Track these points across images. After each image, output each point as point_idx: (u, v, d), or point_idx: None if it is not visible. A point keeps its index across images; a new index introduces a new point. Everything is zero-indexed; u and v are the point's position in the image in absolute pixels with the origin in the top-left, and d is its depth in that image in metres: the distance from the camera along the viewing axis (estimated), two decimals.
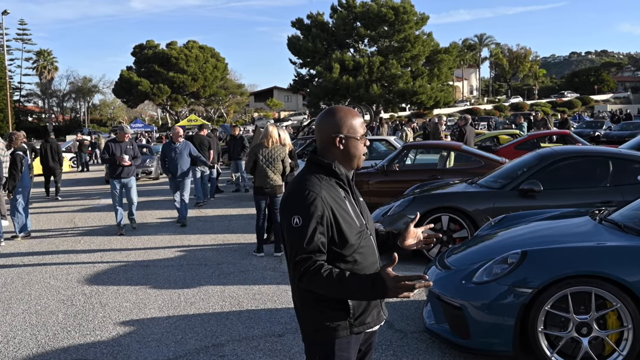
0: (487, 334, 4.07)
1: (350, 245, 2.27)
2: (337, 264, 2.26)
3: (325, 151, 2.37)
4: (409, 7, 46.20)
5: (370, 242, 2.38)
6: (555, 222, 5.12)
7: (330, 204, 2.24)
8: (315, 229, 2.19)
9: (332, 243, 2.25)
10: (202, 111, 71.32)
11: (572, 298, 3.88)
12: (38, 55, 73.95)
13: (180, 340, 4.90)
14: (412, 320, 5.16)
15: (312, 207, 2.20)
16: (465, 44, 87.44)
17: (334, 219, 2.24)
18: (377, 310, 2.38)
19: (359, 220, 2.34)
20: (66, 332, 5.23)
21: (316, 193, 2.22)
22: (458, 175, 9.29)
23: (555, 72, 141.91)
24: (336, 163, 2.34)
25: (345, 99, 42.86)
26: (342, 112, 2.39)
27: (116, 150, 9.73)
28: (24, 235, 9.93)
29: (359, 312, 2.31)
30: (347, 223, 2.27)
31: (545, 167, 6.89)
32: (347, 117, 2.37)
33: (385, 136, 16.86)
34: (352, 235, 2.28)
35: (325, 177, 2.31)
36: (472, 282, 4.23)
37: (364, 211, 2.43)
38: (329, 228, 2.23)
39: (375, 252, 2.41)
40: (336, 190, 2.31)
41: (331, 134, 2.34)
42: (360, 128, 2.37)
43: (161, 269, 7.38)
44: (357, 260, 2.29)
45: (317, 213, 2.20)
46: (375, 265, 2.37)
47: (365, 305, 2.32)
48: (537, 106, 73.00)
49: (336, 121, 2.35)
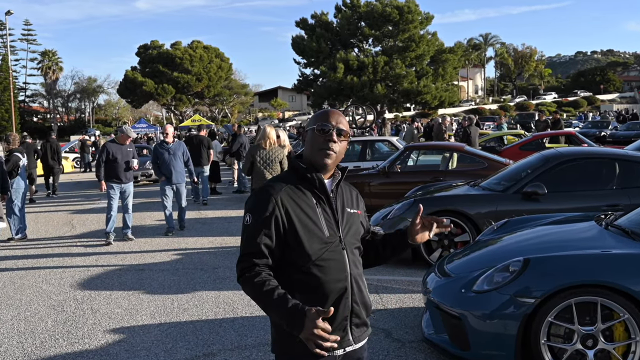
0: (488, 345, 3.89)
1: (306, 254, 2.12)
2: (291, 271, 2.14)
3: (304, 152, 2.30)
4: (414, 6, 45.89)
5: (341, 257, 2.16)
6: (559, 227, 4.93)
7: (287, 206, 2.12)
8: (261, 230, 2.09)
9: (286, 247, 2.13)
10: (206, 111, 71.22)
11: (576, 308, 3.69)
12: (43, 56, 74.08)
13: (170, 350, 4.74)
14: (411, 329, 4.98)
15: (263, 207, 2.11)
16: (470, 44, 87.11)
17: (288, 223, 2.11)
18: (340, 334, 2.14)
19: (329, 230, 2.16)
20: (54, 340, 5.07)
21: (271, 194, 2.13)
22: (461, 177, 9.11)
23: (560, 72, 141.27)
24: (310, 168, 2.20)
25: (349, 99, 42.64)
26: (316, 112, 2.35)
27: (117, 154, 9.07)
28: (20, 237, 9.80)
29: None
30: (307, 230, 2.12)
31: (549, 169, 6.70)
32: (314, 115, 2.30)
33: (388, 137, 16.66)
34: (312, 244, 2.12)
35: (296, 180, 2.20)
36: (472, 290, 4.05)
37: (346, 224, 2.23)
38: (281, 231, 2.11)
39: (346, 269, 2.16)
40: (304, 195, 2.17)
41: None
42: (319, 121, 2.22)
43: (156, 273, 7.22)
44: (313, 273, 2.12)
45: (266, 214, 2.10)
46: (341, 283, 2.15)
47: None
48: (542, 106, 72.65)
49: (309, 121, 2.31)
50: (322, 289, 2.13)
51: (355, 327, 2.21)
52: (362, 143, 13.77)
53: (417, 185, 8.75)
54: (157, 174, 9.99)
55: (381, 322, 5.17)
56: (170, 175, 9.64)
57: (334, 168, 2.26)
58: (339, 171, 2.28)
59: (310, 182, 2.19)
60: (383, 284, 6.34)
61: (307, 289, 2.13)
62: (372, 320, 5.17)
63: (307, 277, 2.13)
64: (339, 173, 2.28)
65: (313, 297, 2.12)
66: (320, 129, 2.20)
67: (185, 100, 65.87)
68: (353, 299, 2.18)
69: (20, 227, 9.84)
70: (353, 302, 2.18)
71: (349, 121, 18.88)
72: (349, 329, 2.18)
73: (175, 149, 9.77)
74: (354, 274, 2.20)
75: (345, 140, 2.25)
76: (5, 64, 60.48)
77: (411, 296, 5.87)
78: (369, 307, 2.28)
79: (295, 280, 2.14)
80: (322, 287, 2.13)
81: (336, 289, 2.14)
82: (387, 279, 6.55)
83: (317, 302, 2.10)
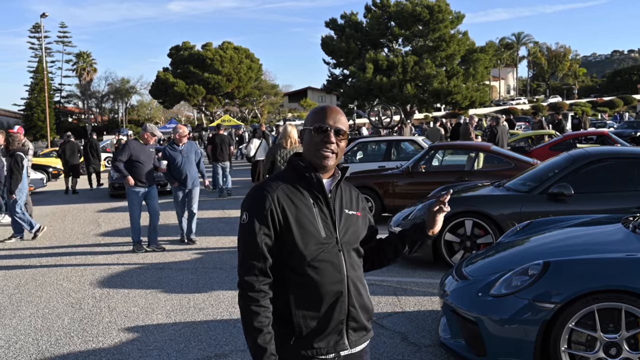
0: (505, 351, 3.73)
1: (301, 255, 2.05)
2: (286, 272, 2.08)
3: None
4: (444, 6, 45.42)
5: (337, 259, 2.09)
6: (584, 230, 4.73)
7: (283, 204, 2.06)
8: (259, 229, 2.04)
9: (282, 247, 2.07)
10: (236, 112, 71.76)
11: (599, 315, 3.51)
12: (78, 57, 75.44)
13: (182, 350, 4.69)
14: (428, 333, 4.84)
15: (260, 205, 2.06)
16: (502, 43, 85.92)
17: (284, 222, 2.05)
18: (335, 338, 2.09)
19: (326, 231, 2.09)
20: (69, 337, 5.08)
21: (267, 192, 2.07)
22: (486, 178, 8.90)
23: (596, 71, 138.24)
24: (308, 167, 2.13)
25: (379, 99, 42.37)
26: (313, 109, 2.23)
27: (140, 155, 8.30)
28: (19, 237, 9.85)
29: (306, 332, 2.06)
30: (303, 229, 2.06)
31: (577, 169, 6.46)
32: (311, 113, 2.21)
33: (414, 136, 16.46)
34: (308, 244, 2.05)
35: (294, 179, 2.13)
36: (490, 294, 3.89)
37: (343, 225, 2.16)
38: (277, 230, 2.06)
39: (342, 271, 2.09)
40: (302, 195, 2.11)
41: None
42: (318, 121, 2.14)
43: (175, 272, 7.21)
44: (309, 274, 2.06)
45: (263, 212, 2.05)
46: (337, 286, 2.08)
47: (316, 327, 2.07)
48: (576, 106, 71.25)
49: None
50: (317, 290, 2.07)
51: (353, 331, 2.14)
52: (387, 143, 13.61)
53: (441, 185, 8.57)
54: (168, 179, 8.95)
55: (398, 325, 5.04)
56: (185, 179, 8.78)
57: (334, 168, 2.19)
58: (339, 171, 2.21)
59: (309, 181, 2.12)
60: (402, 285, 6.21)
61: (302, 290, 2.07)
62: (389, 324, 5.06)
63: (302, 278, 2.07)
64: (339, 173, 2.20)
65: (308, 299, 2.07)
66: (317, 129, 2.12)
67: (215, 100, 66.46)
68: (350, 302, 2.11)
69: (23, 225, 9.86)
70: (350, 306, 2.11)
71: (375, 121, 18.76)
72: (345, 333, 2.12)
73: (188, 150, 8.89)
74: (351, 276, 2.13)
75: (345, 140, 2.17)
76: (41, 66, 61.85)
77: (430, 299, 5.72)
78: (369, 310, 2.21)
79: (290, 281, 2.08)
80: (317, 288, 2.07)
81: (332, 291, 2.08)
82: (406, 280, 6.41)
83: (312, 303, 2.06)
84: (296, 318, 2.06)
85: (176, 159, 8.73)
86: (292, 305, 2.07)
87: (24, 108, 69.25)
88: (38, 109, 64.50)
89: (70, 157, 17.46)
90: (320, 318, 2.07)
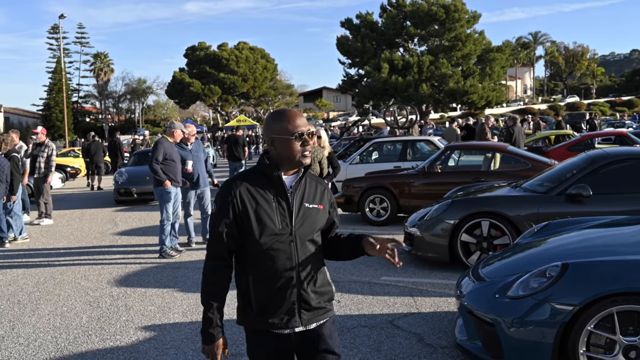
0: (523, 354, 3.70)
1: (258, 243, 2.35)
2: (246, 257, 2.39)
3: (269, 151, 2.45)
4: (460, 5, 45.13)
5: (290, 249, 2.37)
6: (603, 231, 4.67)
7: (245, 199, 2.35)
8: (222, 218, 2.36)
9: (241, 234, 2.38)
10: (251, 111, 71.98)
11: (618, 317, 3.47)
12: (95, 58, 76.14)
13: (198, 349, 4.71)
14: (445, 334, 4.82)
15: (224, 198, 2.37)
16: (519, 43, 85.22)
17: (244, 214, 2.34)
18: (287, 316, 2.38)
19: (282, 223, 2.36)
20: (87, 336, 5.13)
21: (232, 187, 2.37)
22: (503, 178, 8.83)
23: (614, 71, 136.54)
24: (271, 164, 2.39)
25: (395, 99, 42.23)
26: (276, 115, 2.42)
27: (172, 153, 8.08)
28: (23, 237, 9.84)
29: (261, 308, 2.37)
30: (260, 221, 2.34)
31: (595, 170, 6.39)
32: (279, 120, 2.38)
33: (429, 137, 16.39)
34: (263, 234, 2.34)
35: (257, 176, 2.41)
36: (507, 296, 3.86)
37: (300, 218, 2.39)
38: (239, 221, 2.35)
39: (293, 260, 2.37)
40: (262, 190, 2.38)
41: (267, 136, 2.42)
42: (295, 128, 2.35)
43: (191, 272, 7.25)
44: (264, 261, 2.36)
45: (225, 205, 2.35)
46: (288, 272, 2.36)
47: (270, 305, 2.37)
48: (594, 106, 70.48)
49: (268, 124, 2.42)
50: (271, 274, 2.37)
51: (305, 311, 2.41)
52: (402, 143, 13.57)
53: (457, 185, 8.52)
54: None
55: (414, 326, 5.02)
56: (196, 180, 8.57)
57: None
58: (302, 168, 2.44)
59: (271, 178, 2.38)
60: (418, 286, 6.18)
61: (258, 273, 2.39)
62: (405, 324, 5.05)
63: (258, 263, 2.37)
64: (302, 170, 2.44)
65: (263, 281, 2.38)
66: (299, 136, 2.35)
67: (231, 100, 66.70)
68: (301, 286, 2.39)
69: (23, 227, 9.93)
70: (301, 290, 2.39)
71: (391, 121, 18.70)
72: (297, 312, 2.39)
73: (197, 150, 8.67)
74: (302, 264, 2.39)
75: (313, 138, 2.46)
76: (59, 66, 62.51)
77: (447, 300, 5.69)
78: (325, 293, 2.47)
79: (250, 264, 2.39)
80: (271, 273, 2.36)
81: (284, 277, 2.37)
82: (423, 281, 6.39)
83: (266, 285, 2.37)
84: (253, 295, 2.38)
85: (187, 159, 8.47)
86: (250, 285, 2.39)
87: (43, 108, 70.06)
88: (56, 109, 65.19)
89: (94, 156, 18.87)
90: (273, 298, 2.37)
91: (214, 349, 2.39)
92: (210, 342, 2.38)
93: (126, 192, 14.15)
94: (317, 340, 2.45)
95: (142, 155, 16.56)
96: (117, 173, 15.00)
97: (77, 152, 28.20)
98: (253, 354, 2.49)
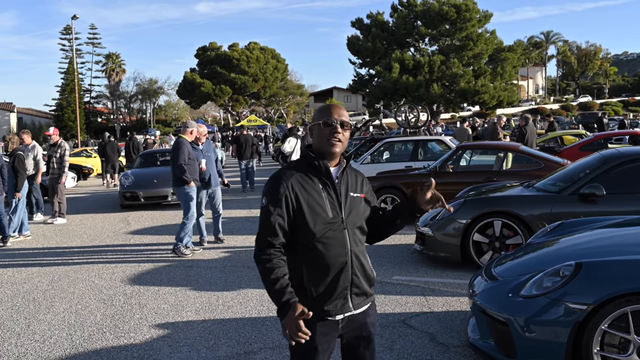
0: (536, 353, 3.70)
1: (311, 233, 2.40)
2: (298, 248, 2.43)
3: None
4: (472, 4, 45.01)
5: (342, 235, 2.44)
6: (617, 231, 4.65)
7: (296, 190, 2.41)
8: (274, 210, 2.39)
9: (295, 226, 2.42)
10: (262, 112, 72.11)
11: (632, 317, 3.46)
12: (107, 58, 76.66)
13: (212, 346, 4.75)
14: (457, 334, 4.82)
15: (276, 190, 2.42)
16: (531, 42, 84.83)
17: (297, 205, 2.40)
18: (342, 302, 2.45)
19: (332, 212, 2.43)
20: (101, 333, 5.18)
21: (283, 179, 2.42)
22: (515, 178, 8.81)
23: (627, 70, 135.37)
24: (316, 155, 2.47)
25: (405, 99, 42.15)
26: (318, 108, 2.59)
27: (192, 153, 8.18)
28: (20, 236, 10.02)
29: (316, 296, 2.42)
30: (313, 211, 2.40)
31: (608, 169, 6.36)
32: (317, 111, 2.56)
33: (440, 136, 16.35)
34: (316, 224, 2.40)
35: (305, 168, 2.48)
36: (520, 295, 3.86)
37: (348, 206, 2.48)
38: (291, 212, 2.40)
39: (346, 246, 2.44)
40: (312, 181, 2.45)
41: (309, 128, 2.60)
42: (325, 116, 2.47)
43: (204, 270, 7.29)
44: (318, 249, 2.41)
45: (278, 197, 2.40)
46: (342, 258, 2.43)
47: (325, 293, 2.42)
48: (607, 105, 69.98)
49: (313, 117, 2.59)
50: (324, 262, 2.42)
51: (356, 295, 2.50)
52: (414, 143, 13.56)
53: (469, 185, 8.50)
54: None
55: (426, 325, 5.03)
56: (208, 180, 8.63)
57: (340, 156, 2.54)
58: (344, 159, 2.55)
59: (318, 169, 2.46)
60: (430, 286, 6.19)
61: (312, 262, 2.43)
62: (417, 324, 5.06)
63: (312, 252, 2.42)
64: (344, 161, 2.54)
65: (317, 269, 2.43)
66: (326, 123, 2.47)
67: (242, 100, 66.92)
68: (353, 271, 2.47)
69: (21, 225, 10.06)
70: (353, 275, 2.47)
71: (402, 121, 18.72)
72: (349, 297, 2.48)
73: (207, 149, 8.71)
74: (354, 250, 2.47)
75: (348, 130, 2.52)
76: (72, 67, 62.97)
77: (459, 299, 5.69)
78: (371, 279, 2.57)
79: (302, 254, 2.44)
80: (324, 261, 2.42)
81: (337, 263, 2.43)
82: (435, 281, 6.39)
83: (320, 273, 2.43)
84: (308, 285, 2.42)
85: (198, 159, 8.45)
86: (304, 275, 2.42)
87: (55, 108, 70.66)
88: (68, 109, 65.72)
89: (110, 156, 19.72)
90: (328, 285, 2.43)
91: (293, 319, 2.28)
92: (285, 311, 2.30)
93: (133, 196, 13.30)
94: (360, 326, 2.54)
95: (149, 157, 15.95)
96: (123, 175, 14.11)
97: (90, 152, 28.42)
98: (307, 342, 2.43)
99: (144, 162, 15.49)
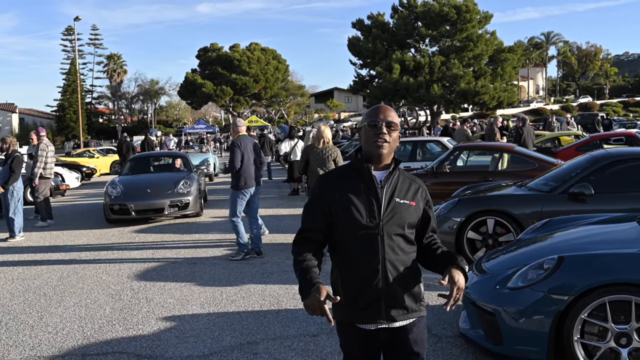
0: (521, 341, 3.95)
1: (344, 235, 2.43)
2: (333, 248, 2.50)
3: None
4: (472, 5, 45.21)
5: (375, 241, 2.39)
6: (600, 227, 4.91)
7: (335, 192, 2.44)
8: (313, 209, 2.48)
9: (331, 227, 2.47)
10: (263, 112, 72.36)
11: (610, 307, 3.71)
12: (108, 59, 76.90)
13: (217, 337, 5.00)
14: (449, 325, 5.07)
15: (316, 189, 2.52)
16: (531, 43, 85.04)
17: (335, 207, 2.43)
18: (372, 311, 2.40)
19: (370, 216, 2.40)
20: (111, 325, 5.43)
21: (325, 181, 2.51)
22: (510, 178, 9.05)
23: (628, 71, 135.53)
24: (361, 158, 2.48)
25: (406, 100, 42.41)
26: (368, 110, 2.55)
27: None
28: (21, 236, 10.22)
29: (347, 302, 2.41)
30: (348, 213, 2.41)
31: (597, 169, 6.61)
32: (366, 113, 2.55)
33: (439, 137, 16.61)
34: (350, 226, 2.41)
35: (349, 171, 2.50)
36: (507, 287, 4.12)
37: (389, 212, 2.42)
38: (327, 212, 2.45)
39: (378, 254, 2.39)
40: (353, 185, 2.45)
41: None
42: (369, 117, 2.47)
43: (208, 267, 7.55)
44: (351, 252, 2.42)
45: (319, 197, 2.48)
46: (372, 266, 2.39)
47: (355, 299, 2.40)
48: (607, 106, 70.14)
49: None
50: (356, 267, 2.41)
51: (392, 307, 2.42)
52: (412, 143, 13.80)
53: (465, 185, 8.74)
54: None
55: None
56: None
57: (389, 159, 2.49)
58: (393, 163, 2.51)
59: (361, 172, 2.46)
60: (426, 281, 6.37)
61: (345, 265, 2.45)
62: None
63: (345, 255, 2.44)
64: (393, 164, 2.50)
65: (349, 273, 2.44)
66: (370, 124, 2.45)
67: (242, 101, 67.13)
68: (387, 281, 2.40)
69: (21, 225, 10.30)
70: (387, 284, 2.40)
71: (401, 122, 18.96)
72: (382, 308, 2.41)
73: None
74: (390, 258, 2.41)
75: (396, 131, 2.48)
76: (73, 68, 63.25)
77: None
78: (415, 294, 2.48)
79: (337, 257, 2.49)
80: (357, 265, 2.41)
81: (369, 269, 2.40)
82: (429, 276, 6.58)
83: (352, 278, 2.42)
84: (341, 287, 2.44)
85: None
86: (338, 277, 2.46)
87: (57, 109, 70.97)
88: (70, 110, 66.01)
89: (126, 154, 19.91)
90: (359, 291, 2.41)
91: (314, 301, 2.25)
92: (306, 291, 2.29)
93: (122, 209, 10.93)
94: (401, 341, 2.46)
95: (140, 161, 13.38)
96: (109, 184, 11.56)
97: (92, 153, 28.71)
98: (342, 346, 2.54)
99: (135, 168, 12.94)
